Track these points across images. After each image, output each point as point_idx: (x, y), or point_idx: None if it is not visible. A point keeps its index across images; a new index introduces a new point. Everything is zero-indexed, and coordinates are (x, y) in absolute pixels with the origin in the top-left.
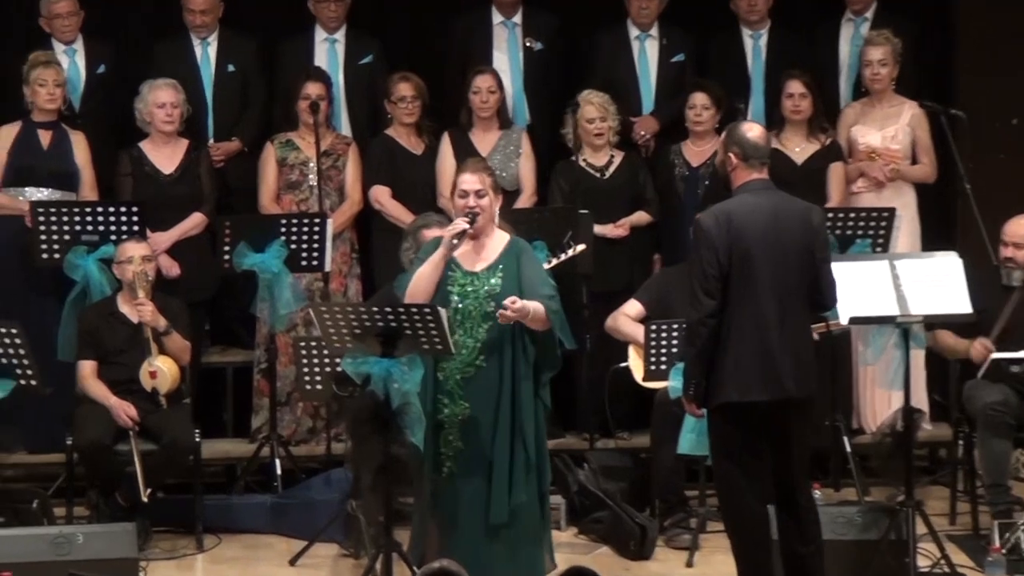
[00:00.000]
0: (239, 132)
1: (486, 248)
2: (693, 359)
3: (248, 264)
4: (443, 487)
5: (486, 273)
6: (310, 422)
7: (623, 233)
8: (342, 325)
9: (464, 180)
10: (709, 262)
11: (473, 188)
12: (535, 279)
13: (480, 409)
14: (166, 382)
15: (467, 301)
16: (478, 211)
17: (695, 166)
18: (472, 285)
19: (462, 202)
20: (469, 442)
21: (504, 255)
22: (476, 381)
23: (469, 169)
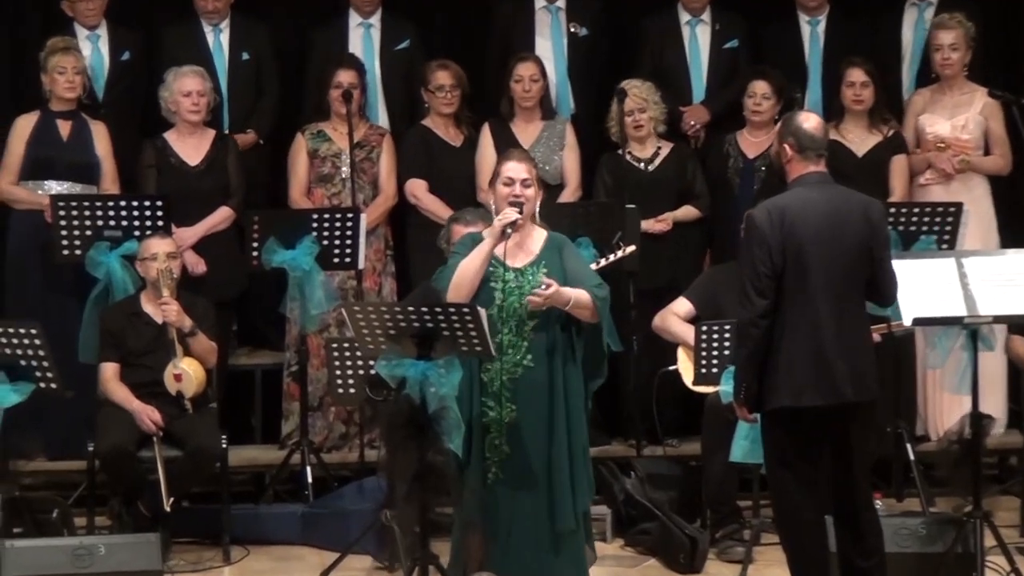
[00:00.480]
0: (254, 123)
1: (526, 243)
2: (744, 361)
3: (278, 261)
4: (487, 495)
5: (530, 269)
6: (343, 428)
7: (665, 228)
8: (376, 326)
9: (511, 168)
10: (761, 260)
11: (520, 177)
12: (580, 271)
13: (528, 412)
14: (192, 385)
15: (512, 298)
16: (524, 201)
17: (751, 158)
18: (516, 281)
19: (507, 190)
20: (517, 447)
21: (545, 250)
22: (524, 382)
23: (515, 157)
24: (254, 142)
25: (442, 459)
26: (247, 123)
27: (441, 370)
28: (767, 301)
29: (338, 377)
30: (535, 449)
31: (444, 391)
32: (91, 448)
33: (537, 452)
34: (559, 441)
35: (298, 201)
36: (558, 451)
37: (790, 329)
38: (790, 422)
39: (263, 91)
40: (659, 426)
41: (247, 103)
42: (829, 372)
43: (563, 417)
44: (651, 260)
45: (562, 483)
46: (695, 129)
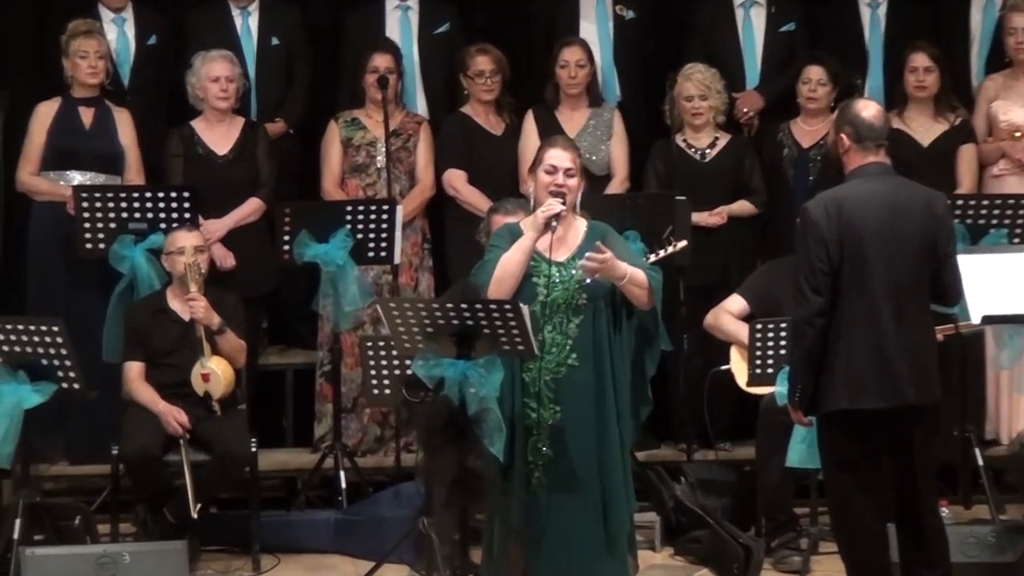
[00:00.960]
0: (284, 112)
1: (567, 235)
2: (799, 361)
3: (310, 256)
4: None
5: (573, 261)
6: (378, 430)
7: (719, 221)
8: (413, 323)
9: (554, 155)
10: (817, 255)
11: (563, 165)
12: (627, 259)
13: (573, 413)
14: (220, 386)
15: (555, 293)
16: (566, 191)
17: (805, 147)
18: (559, 275)
19: (549, 179)
20: (561, 450)
21: (587, 241)
22: (568, 382)
23: (560, 144)
24: (283, 131)
25: (482, 464)
26: (276, 112)
27: (481, 370)
28: (823, 298)
29: (373, 377)
30: (582, 452)
31: (484, 392)
32: (115, 452)
33: (584, 455)
34: (611, 443)
35: (331, 192)
36: (609, 453)
37: (848, 328)
38: (848, 425)
39: (294, 78)
40: (711, 429)
41: (276, 91)
42: (889, 373)
43: (613, 418)
44: (702, 255)
45: (615, 486)
46: (748, 117)
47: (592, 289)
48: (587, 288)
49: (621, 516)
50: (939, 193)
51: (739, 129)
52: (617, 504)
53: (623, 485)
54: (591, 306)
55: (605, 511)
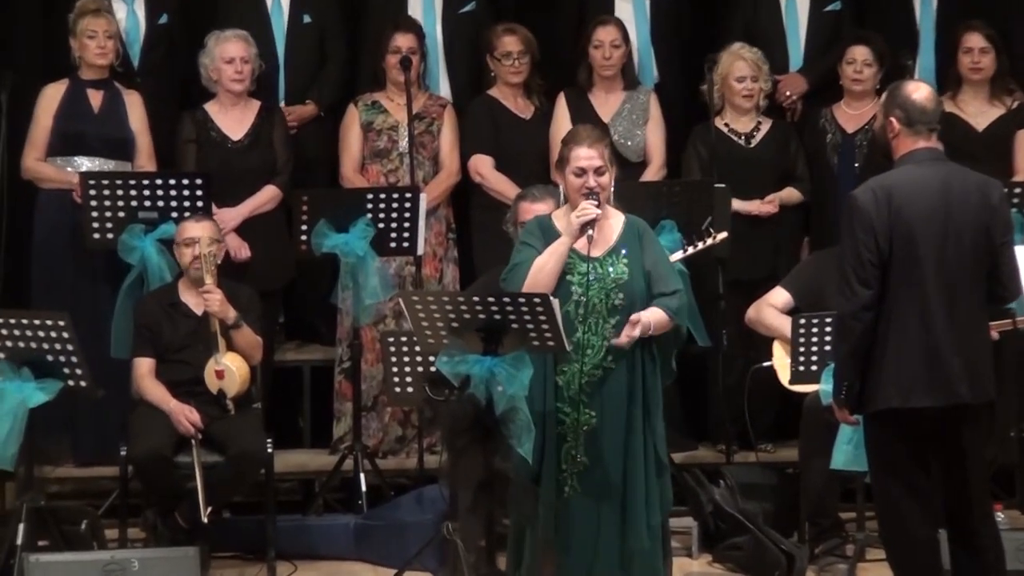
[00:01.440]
0: (315, 94)
1: (602, 230)
2: (845, 358)
3: (329, 246)
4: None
5: (608, 258)
6: (400, 431)
7: (772, 210)
8: (437, 318)
9: (581, 156)
10: (865, 245)
11: (593, 165)
12: (661, 268)
13: (609, 418)
14: (234, 383)
15: (591, 291)
16: (599, 191)
17: (850, 132)
18: (595, 273)
19: (579, 181)
20: (596, 457)
21: (624, 235)
22: (604, 386)
23: (585, 141)
24: (314, 114)
25: (510, 466)
26: (307, 93)
27: (509, 367)
28: (871, 291)
29: (395, 374)
30: (612, 459)
31: (512, 391)
32: (124, 453)
33: (614, 462)
34: (635, 450)
35: (351, 179)
36: (634, 461)
37: (897, 322)
38: (897, 425)
39: (328, 57)
40: (752, 429)
41: (308, 71)
42: (942, 370)
43: (639, 423)
44: (743, 246)
45: (636, 497)
46: (791, 100)
47: (628, 286)
48: (624, 288)
49: (639, 528)
50: (995, 180)
51: (780, 114)
52: (636, 516)
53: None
54: (628, 305)
55: (623, 523)
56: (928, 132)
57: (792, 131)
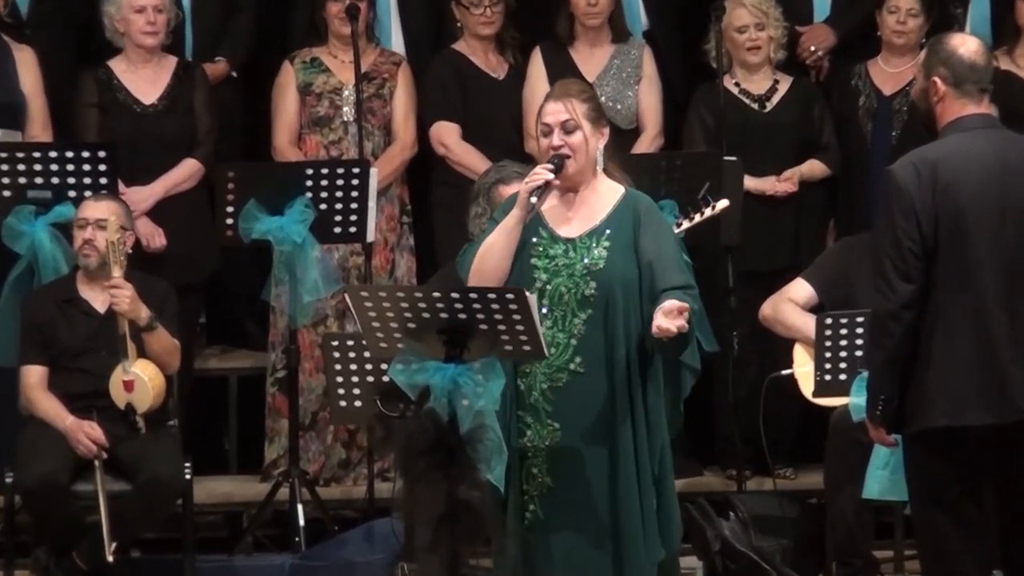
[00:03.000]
0: (225, 48)
1: (588, 205)
2: (882, 366)
3: (260, 232)
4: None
5: (586, 240)
6: (344, 453)
7: (790, 188)
8: (390, 317)
9: (547, 110)
10: (905, 231)
11: (558, 120)
12: (664, 255)
13: (576, 432)
14: (146, 396)
15: (557, 280)
16: (567, 154)
17: (888, 95)
18: (566, 257)
19: (546, 142)
20: (561, 478)
21: (614, 214)
22: (570, 393)
23: (553, 94)
24: (225, 73)
25: (478, 495)
26: (216, 49)
27: (477, 376)
28: (913, 286)
29: (339, 386)
30: (589, 483)
31: (481, 404)
32: (9, 479)
33: (593, 486)
34: (625, 472)
35: (285, 152)
36: (626, 485)
37: (946, 323)
38: (945, 447)
39: (236, 6)
40: (768, 451)
41: (215, 22)
42: (1000, 381)
43: (629, 441)
44: (758, 231)
45: (632, 528)
46: (816, 57)
47: (603, 276)
48: (598, 277)
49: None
50: None
51: (804, 72)
52: (632, 550)
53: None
54: (603, 298)
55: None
56: (979, 94)
57: (817, 92)
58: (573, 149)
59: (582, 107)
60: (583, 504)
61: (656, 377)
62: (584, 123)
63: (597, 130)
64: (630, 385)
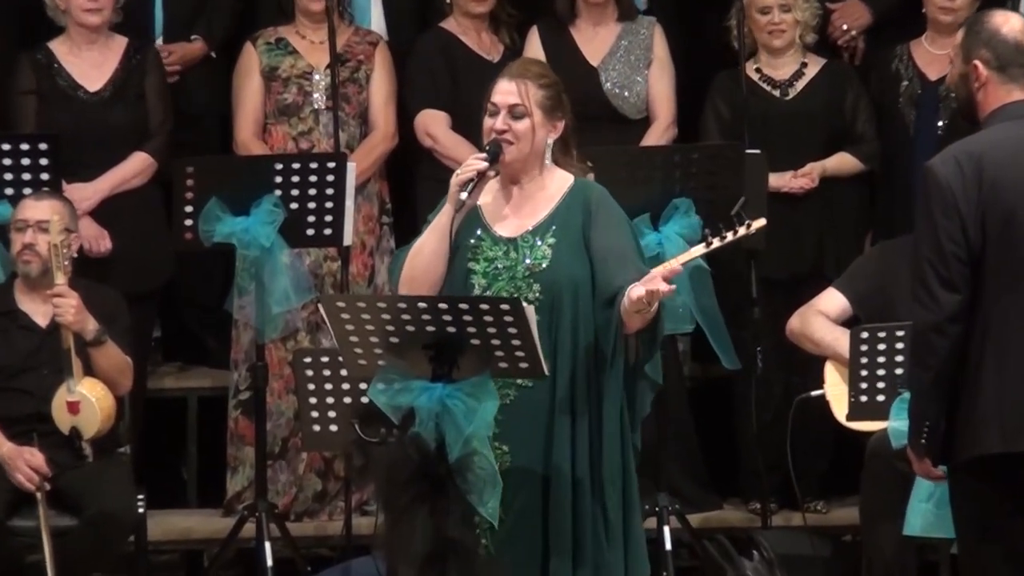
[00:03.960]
0: (203, 27)
1: (531, 200)
2: (925, 387)
3: (222, 234)
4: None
5: (528, 238)
6: (319, 484)
7: (807, 185)
8: (370, 331)
9: (498, 89)
10: (948, 234)
11: (507, 101)
12: (620, 249)
13: (525, 456)
14: (94, 419)
15: (498, 285)
16: (509, 140)
17: (933, 79)
18: (506, 259)
19: (489, 123)
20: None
21: (561, 208)
22: (518, 411)
23: (511, 72)
24: (203, 54)
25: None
26: (192, 27)
27: (468, 397)
28: (959, 296)
29: (312, 408)
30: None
31: (472, 429)
32: None
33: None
34: (559, 497)
35: (249, 145)
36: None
37: (996, 337)
38: (1000, 476)
39: None
40: (796, 482)
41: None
42: None
43: (566, 456)
44: (785, 234)
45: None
46: (850, 37)
47: (548, 277)
48: (542, 279)
49: None
50: None
51: (836, 54)
52: None
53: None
54: (548, 302)
55: None
56: None
57: (851, 76)
58: (517, 136)
59: (537, 93)
60: (526, 536)
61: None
62: (536, 110)
63: (550, 121)
64: (573, 396)
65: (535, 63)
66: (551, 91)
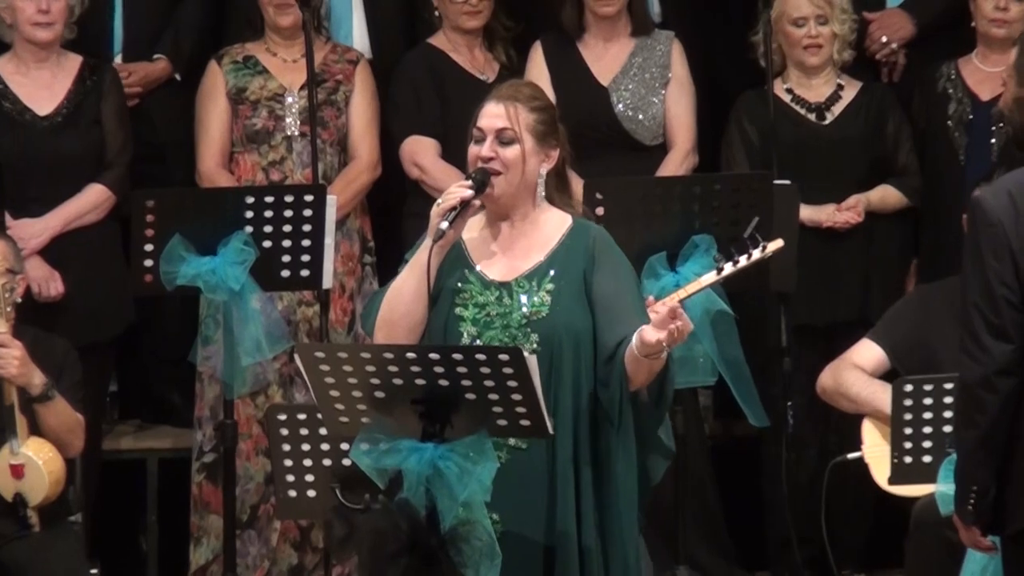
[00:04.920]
0: (169, 45)
1: (525, 239)
2: (974, 448)
3: (187, 276)
4: None
5: (524, 283)
6: (294, 557)
7: (853, 219)
8: (353, 384)
9: (485, 111)
10: (998, 276)
11: (494, 126)
12: (624, 300)
13: (520, 525)
14: (41, 484)
15: (490, 333)
16: (497, 168)
17: (985, 100)
18: (499, 305)
19: (475, 150)
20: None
21: (560, 250)
22: (511, 475)
23: (500, 94)
24: (167, 75)
25: None
26: (155, 45)
27: (463, 459)
28: (1011, 346)
29: (287, 471)
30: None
31: (467, 494)
32: None
33: None
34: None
35: (213, 176)
36: None
37: None
38: None
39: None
40: (832, 553)
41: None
42: None
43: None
44: (822, 275)
45: None
46: (889, 50)
47: (548, 326)
48: (540, 329)
49: None
50: None
51: (874, 73)
52: None
53: None
54: (547, 354)
55: None
56: None
57: (892, 101)
58: (506, 165)
59: (528, 117)
60: None
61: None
62: (526, 136)
63: (542, 149)
64: (577, 455)
65: (526, 84)
66: (544, 115)
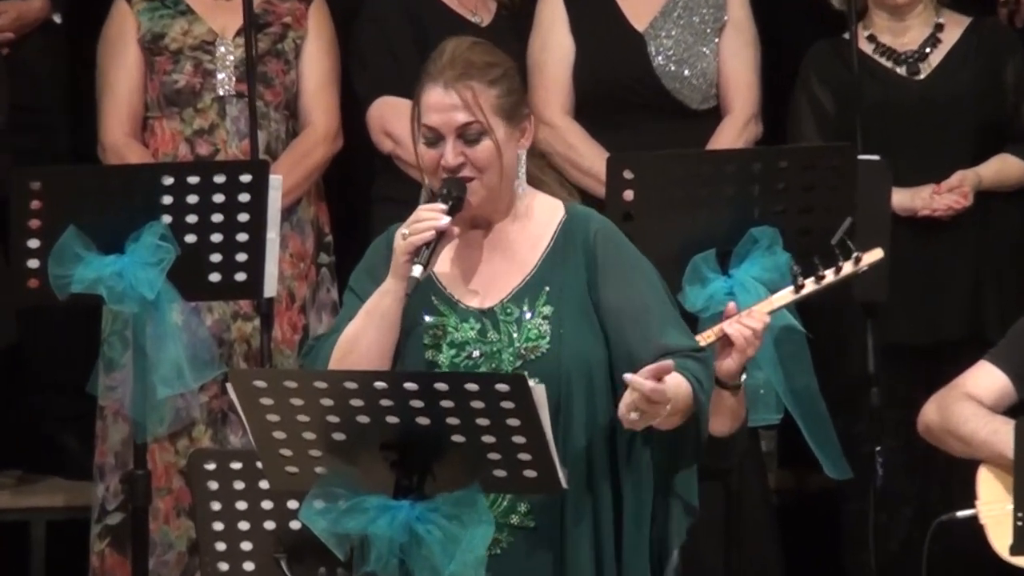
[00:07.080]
0: None
1: (508, 248)
2: None
3: (85, 282)
4: None
5: (511, 307)
6: None
7: (959, 204)
8: (303, 422)
9: (432, 103)
10: None
11: (453, 123)
12: (645, 308)
13: None
14: None
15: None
16: (470, 175)
17: None
18: (483, 342)
19: (431, 155)
20: None
21: (552, 256)
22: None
23: (444, 76)
24: (41, 18)
25: None
26: None
27: (448, 521)
28: None
29: (216, 537)
30: None
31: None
32: None
33: None
34: None
35: (120, 149)
36: None
37: None
38: None
39: None
40: None
41: None
42: None
43: None
44: (917, 281)
45: None
46: None
47: (551, 364)
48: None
49: None
50: None
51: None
52: None
53: None
54: (552, 398)
55: None
56: None
57: (1011, 40)
58: (479, 167)
59: (489, 94)
60: None
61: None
62: (494, 122)
63: (515, 127)
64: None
65: (473, 46)
66: (505, 84)
